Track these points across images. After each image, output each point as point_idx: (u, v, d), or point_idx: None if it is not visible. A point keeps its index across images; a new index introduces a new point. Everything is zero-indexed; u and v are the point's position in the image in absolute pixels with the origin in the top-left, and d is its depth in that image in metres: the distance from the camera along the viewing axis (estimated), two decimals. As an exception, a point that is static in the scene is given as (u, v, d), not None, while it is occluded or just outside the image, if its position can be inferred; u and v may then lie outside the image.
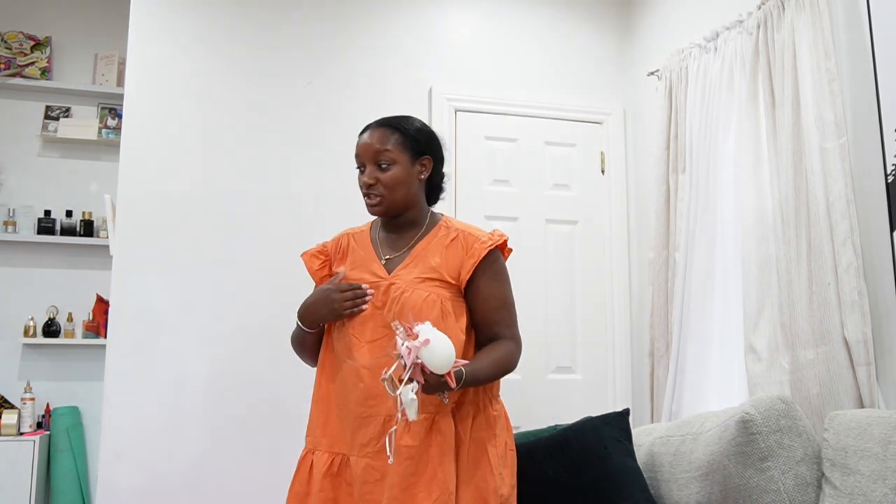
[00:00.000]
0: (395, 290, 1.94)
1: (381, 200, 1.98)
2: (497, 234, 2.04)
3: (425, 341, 1.63)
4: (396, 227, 2.06)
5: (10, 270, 4.26)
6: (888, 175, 2.25)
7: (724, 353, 2.87)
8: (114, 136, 4.34)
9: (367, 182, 1.98)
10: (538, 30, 3.70)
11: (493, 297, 2.00)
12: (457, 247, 1.99)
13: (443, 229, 2.04)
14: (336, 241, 2.15)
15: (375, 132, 2.00)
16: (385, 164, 1.97)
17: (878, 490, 1.84)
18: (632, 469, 2.32)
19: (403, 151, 1.99)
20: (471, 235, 2.01)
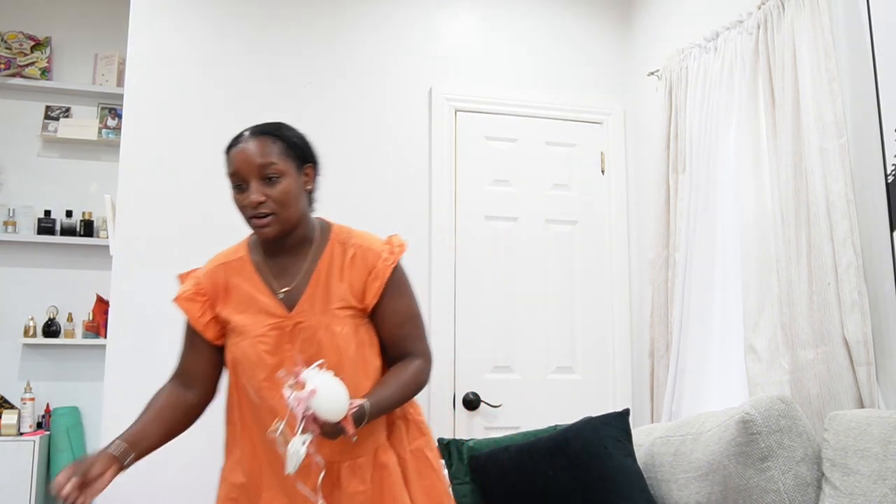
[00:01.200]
0: (305, 329, 1.75)
1: (273, 220, 1.74)
2: (395, 242, 1.88)
3: (311, 392, 1.51)
4: (284, 249, 1.82)
5: (10, 270, 4.25)
6: (888, 175, 2.25)
7: (724, 353, 2.87)
8: (114, 136, 4.34)
9: (256, 200, 1.72)
10: (538, 30, 3.70)
11: (398, 314, 1.84)
12: (357, 266, 1.82)
13: (337, 245, 1.84)
14: (211, 277, 1.84)
15: (255, 142, 1.75)
16: (273, 177, 1.74)
17: (878, 490, 1.84)
18: (632, 469, 2.32)
19: (289, 161, 1.78)
20: (370, 251, 1.83)
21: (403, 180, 3.41)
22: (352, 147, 3.38)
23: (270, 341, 1.76)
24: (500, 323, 3.43)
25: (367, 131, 3.40)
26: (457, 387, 3.33)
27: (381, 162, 3.40)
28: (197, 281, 1.85)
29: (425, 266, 3.37)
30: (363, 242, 1.86)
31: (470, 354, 3.37)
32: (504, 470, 2.37)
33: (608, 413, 2.50)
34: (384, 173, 3.39)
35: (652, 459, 2.42)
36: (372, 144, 3.40)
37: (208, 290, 1.83)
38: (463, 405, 3.32)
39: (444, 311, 3.35)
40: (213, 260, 1.90)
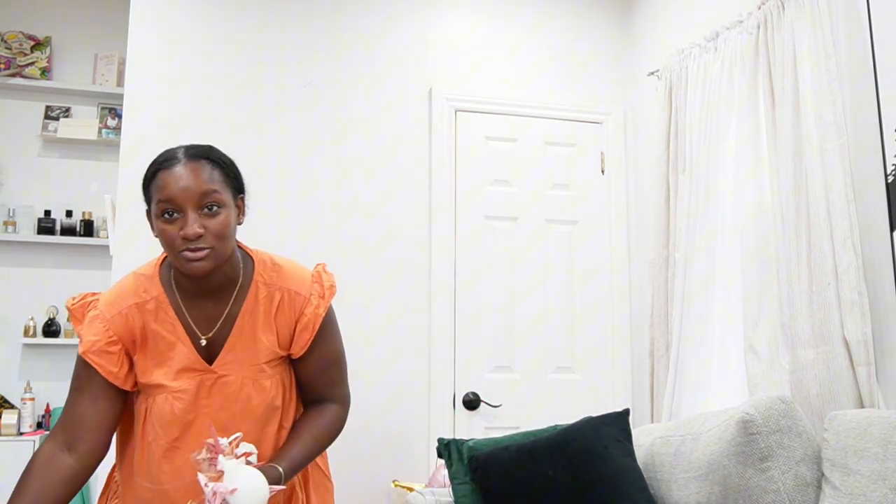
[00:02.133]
0: (229, 384, 1.60)
1: (209, 255, 1.51)
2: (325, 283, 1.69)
3: (232, 490, 1.42)
4: (206, 289, 1.61)
5: (10, 270, 4.25)
6: (888, 175, 2.25)
7: (724, 353, 2.87)
8: (114, 136, 4.34)
9: (194, 233, 1.49)
10: (538, 30, 3.70)
11: (322, 359, 1.70)
12: (285, 313, 1.64)
13: (262, 287, 1.64)
14: (124, 320, 1.59)
15: (195, 166, 1.54)
16: (214, 207, 1.53)
17: (878, 490, 1.84)
18: (632, 469, 2.32)
19: (228, 190, 1.58)
20: (298, 296, 1.65)
21: (403, 180, 3.41)
22: (352, 147, 3.38)
23: (188, 397, 1.59)
24: (500, 323, 3.43)
25: (367, 131, 3.40)
26: (457, 387, 3.33)
27: (381, 162, 3.40)
28: (107, 326, 1.59)
29: (425, 266, 3.37)
30: (290, 285, 1.66)
31: (470, 354, 3.37)
32: (504, 470, 2.37)
33: (608, 413, 2.50)
34: (384, 173, 3.39)
35: (652, 459, 2.42)
36: (372, 144, 3.40)
37: (122, 335, 1.59)
38: (463, 405, 3.32)
39: (444, 311, 3.35)
40: (121, 295, 1.63)
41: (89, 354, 1.58)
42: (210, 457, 1.45)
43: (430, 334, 3.33)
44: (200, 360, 1.60)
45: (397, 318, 3.31)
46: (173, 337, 1.60)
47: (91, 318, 1.61)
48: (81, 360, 1.60)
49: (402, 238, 3.36)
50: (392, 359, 3.27)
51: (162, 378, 1.60)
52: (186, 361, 1.60)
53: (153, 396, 1.61)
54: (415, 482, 3.04)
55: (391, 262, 3.34)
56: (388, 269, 3.33)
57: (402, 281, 3.33)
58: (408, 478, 3.13)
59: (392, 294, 3.32)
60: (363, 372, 3.23)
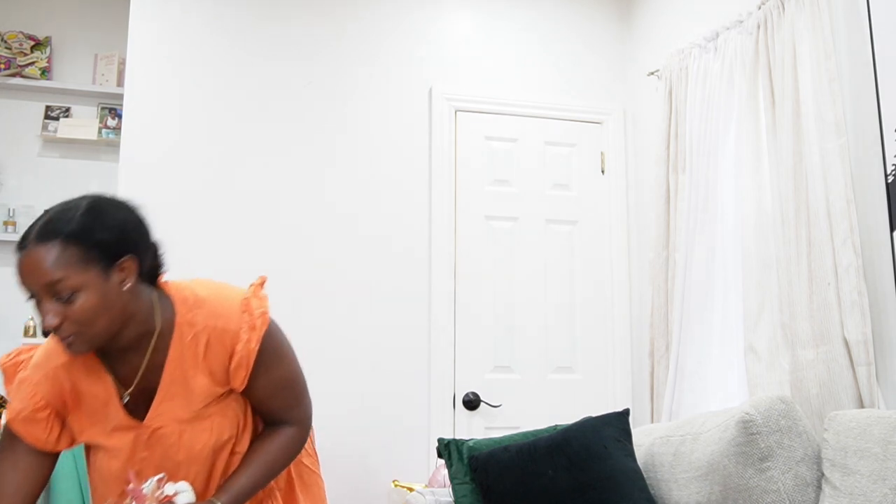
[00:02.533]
0: (166, 436, 1.51)
1: (76, 340, 1.39)
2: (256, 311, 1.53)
3: None
4: (120, 347, 1.49)
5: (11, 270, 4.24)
6: (888, 175, 2.25)
7: (724, 353, 2.87)
8: (114, 136, 4.33)
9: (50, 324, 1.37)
10: (538, 30, 3.70)
11: (269, 387, 1.58)
12: (215, 352, 1.51)
13: (186, 329, 1.50)
14: (52, 382, 1.50)
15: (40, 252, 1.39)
16: (69, 295, 1.37)
17: (878, 490, 1.84)
18: (631, 469, 2.32)
19: (89, 268, 1.38)
20: (226, 333, 1.50)
21: (403, 180, 3.41)
22: (352, 147, 3.38)
23: (124, 455, 1.51)
24: (500, 323, 3.43)
25: (367, 131, 3.40)
26: (457, 387, 3.33)
27: (381, 162, 3.40)
28: (34, 392, 1.50)
29: (425, 266, 3.37)
30: (217, 322, 1.51)
31: (470, 354, 3.37)
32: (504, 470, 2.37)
33: (608, 413, 2.50)
34: (384, 173, 3.39)
35: (652, 459, 2.42)
36: (372, 144, 3.40)
37: (51, 398, 1.50)
38: (463, 405, 3.32)
39: (444, 310, 3.35)
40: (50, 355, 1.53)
41: (14, 424, 1.50)
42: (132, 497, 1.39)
43: (430, 334, 3.33)
44: (130, 418, 1.51)
45: (397, 319, 3.31)
46: (104, 394, 1.51)
47: (19, 381, 1.53)
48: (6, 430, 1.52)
49: (402, 238, 3.36)
50: (392, 359, 3.27)
51: (98, 437, 1.53)
52: (117, 419, 1.51)
53: (95, 454, 1.56)
54: (415, 482, 3.04)
55: (391, 262, 3.34)
56: (388, 269, 3.33)
57: (401, 281, 3.33)
58: (408, 478, 3.13)
59: (392, 294, 3.32)
60: (363, 372, 3.23)
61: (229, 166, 3.23)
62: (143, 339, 1.49)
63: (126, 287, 1.43)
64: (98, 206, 1.46)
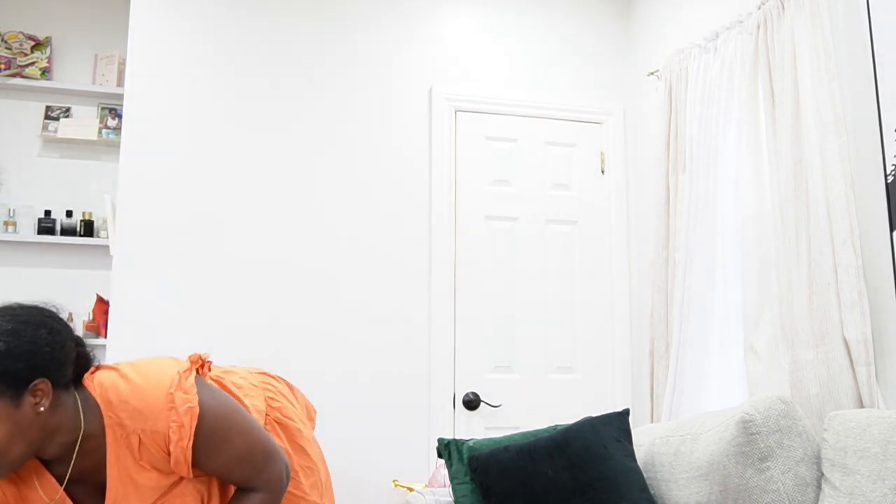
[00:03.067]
0: None
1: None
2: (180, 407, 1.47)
3: None
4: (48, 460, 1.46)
5: (10, 270, 4.25)
6: (888, 175, 2.25)
7: (724, 353, 2.87)
8: (114, 136, 4.33)
9: None
10: (538, 30, 3.70)
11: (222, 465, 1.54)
12: (151, 453, 1.48)
13: (118, 429, 1.46)
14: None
15: None
16: None
17: (878, 490, 1.84)
18: (631, 469, 2.32)
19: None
20: (156, 434, 1.46)
21: (403, 180, 3.41)
22: (352, 147, 3.38)
23: None
24: (500, 323, 3.43)
25: (367, 131, 3.41)
26: (457, 387, 3.33)
27: (381, 162, 3.40)
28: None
29: (425, 266, 3.37)
30: (144, 425, 1.46)
31: (470, 354, 3.37)
32: (504, 470, 2.37)
33: (608, 413, 2.50)
34: (384, 173, 3.39)
35: (652, 459, 2.42)
36: (372, 144, 3.40)
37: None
38: (463, 405, 3.32)
39: (444, 310, 3.35)
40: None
41: None
42: None
43: (430, 334, 3.33)
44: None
45: (397, 318, 3.31)
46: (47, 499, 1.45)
47: None
48: None
49: (402, 238, 3.36)
50: (392, 359, 3.27)
51: None
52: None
53: None
54: (415, 482, 3.04)
55: (391, 262, 3.34)
56: (388, 269, 3.33)
57: (402, 281, 3.33)
58: (408, 478, 3.13)
59: (392, 294, 3.32)
60: (363, 372, 3.23)
61: (229, 166, 3.23)
62: (68, 447, 1.44)
63: (41, 410, 1.37)
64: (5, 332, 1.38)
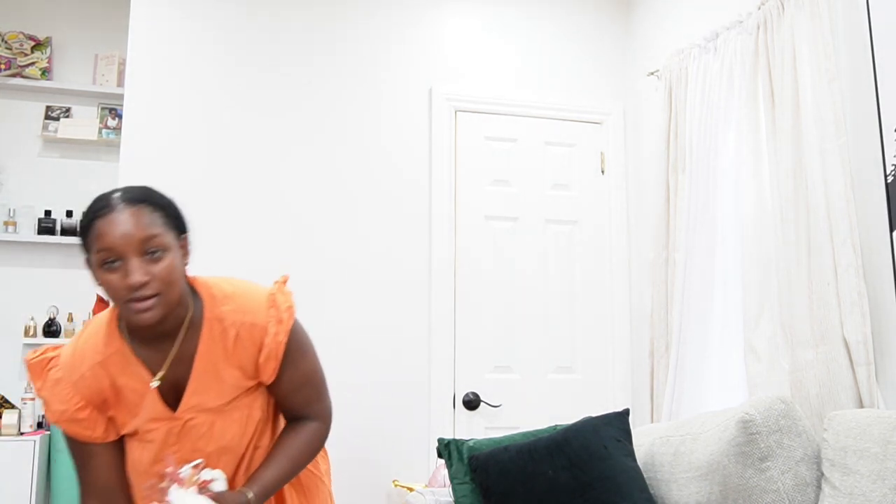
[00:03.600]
0: (197, 427, 1.58)
1: (157, 302, 1.45)
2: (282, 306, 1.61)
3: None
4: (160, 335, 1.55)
5: (10, 270, 4.25)
6: (888, 175, 2.25)
7: (724, 353, 2.87)
8: (114, 136, 4.33)
9: (139, 281, 1.41)
10: (538, 30, 3.70)
11: (294, 381, 1.65)
12: (244, 346, 1.57)
13: (215, 324, 1.57)
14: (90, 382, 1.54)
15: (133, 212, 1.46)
16: (156, 252, 1.45)
17: (878, 490, 1.84)
18: (631, 469, 2.32)
19: (170, 233, 1.50)
20: (255, 327, 1.57)
21: (403, 180, 3.41)
22: (352, 147, 3.38)
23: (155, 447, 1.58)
24: (500, 323, 3.43)
25: (367, 131, 3.41)
26: (457, 387, 3.33)
27: (381, 162, 3.40)
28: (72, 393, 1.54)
29: (425, 266, 3.37)
30: (245, 318, 1.58)
31: (470, 354, 3.37)
32: (504, 470, 2.37)
33: (608, 413, 2.50)
34: (384, 173, 3.39)
35: (652, 459, 2.42)
36: (372, 144, 3.40)
37: (90, 397, 1.54)
38: (463, 405, 3.32)
39: (444, 310, 3.35)
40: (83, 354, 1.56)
41: (61, 424, 1.55)
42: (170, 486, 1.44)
43: (430, 334, 3.33)
44: (165, 409, 1.56)
45: (397, 318, 3.31)
46: (142, 386, 1.55)
47: (54, 381, 1.55)
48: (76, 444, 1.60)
49: (402, 238, 3.36)
50: (392, 359, 3.27)
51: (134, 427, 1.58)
52: (153, 411, 1.56)
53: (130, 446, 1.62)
54: (415, 482, 3.05)
55: (391, 262, 3.34)
56: (389, 269, 3.33)
57: (402, 281, 3.33)
58: (408, 478, 3.13)
59: (392, 294, 3.32)
60: (363, 372, 3.23)
61: (229, 166, 3.23)
62: (177, 327, 1.55)
63: (186, 263, 1.55)
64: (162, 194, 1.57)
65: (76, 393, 1.53)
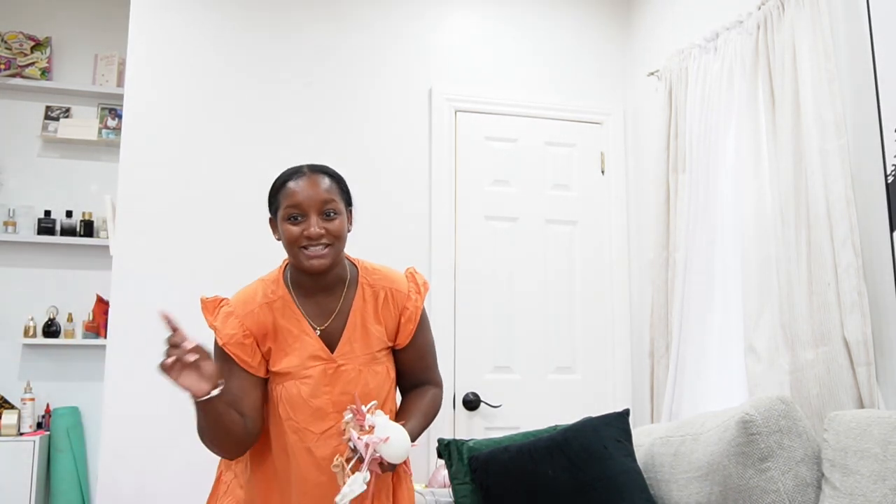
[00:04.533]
0: (347, 372, 1.84)
1: (328, 252, 1.79)
2: (419, 282, 1.96)
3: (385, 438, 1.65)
4: (321, 287, 1.87)
5: (10, 270, 4.25)
6: (888, 175, 2.25)
7: (724, 353, 2.87)
8: (114, 136, 4.34)
9: (318, 232, 1.77)
10: (538, 30, 3.70)
11: (421, 348, 1.96)
12: (389, 308, 1.91)
13: (367, 288, 1.91)
14: (256, 318, 1.84)
15: (317, 179, 1.83)
16: (332, 213, 1.81)
17: (878, 490, 1.84)
18: (631, 469, 2.32)
19: (342, 201, 1.86)
20: (399, 292, 1.92)
21: (403, 180, 3.41)
22: (352, 147, 3.38)
23: (313, 382, 1.82)
24: (500, 323, 3.43)
25: (367, 131, 3.41)
26: (457, 387, 3.33)
27: (381, 162, 3.40)
28: (241, 322, 1.82)
29: (425, 266, 3.37)
30: (391, 284, 1.93)
31: (470, 354, 3.37)
32: (504, 470, 2.37)
33: (608, 413, 2.50)
34: (384, 173, 3.39)
35: (652, 459, 2.42)
36: (372, 144, 3.40)
37: (254, 330, 1.83)
38: (463, 405, 3.32)
39: (445, 310, 3.35)
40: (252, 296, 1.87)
41: (229, 346, 1.80)
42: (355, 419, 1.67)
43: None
44: (325, 349, 1.84)
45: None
46: (298, 330, 1.84)
47: (225, 313, 1.84)
48: (220, 353, 1.81)
49: (402, 238, 3.36)
50: (392, 359, 3.27)
51: (290, 366, 1.83)
52: (312, 350, 1.83)
53: (282, 384, 1.83)
54: (415, 482, 3.04)
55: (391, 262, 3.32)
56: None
57: (402, 281, 3.33)
58: (408, 478, 3.13)
59: (392, 294, 3.32)
60: (363, 372, 3.23)
61: (229, 166, 3.23)
62: (338, 285, 1.88)
63: (349, 229, 1.87)
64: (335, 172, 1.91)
65: (243, 324, 1.82)
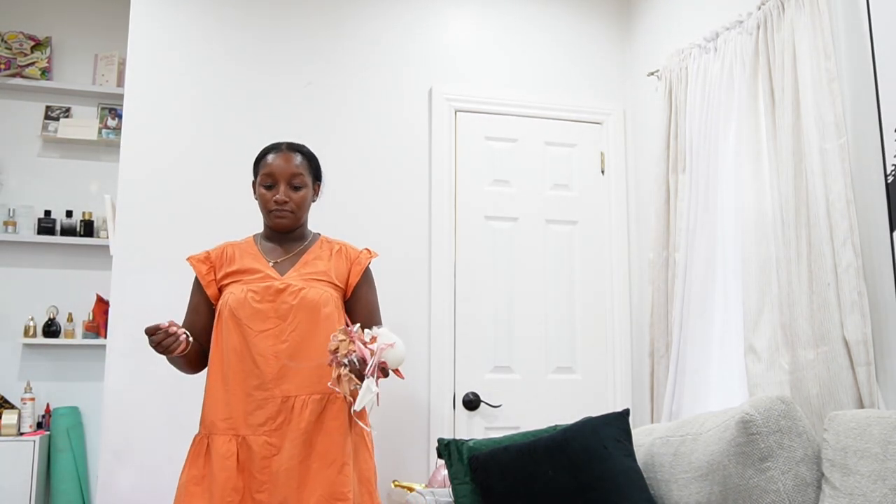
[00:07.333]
0: (290, 288, 2.20)
1: (290, 216, 2.27)
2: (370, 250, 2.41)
3: (391, 345, 1.89)
4: (285, 239, 2.34)
5: (10, 270, 4.25)
6: (888, 175, 2.25)
7: (724, 353, 2.87)
8: (114, 136, 4.34)
9: (282, 200, 2.24)
10: (538, 30, 3.70)
11: (370, 304, 2.35)
12: (341, 257, 2.34)
13: (324, 243, 2.37)
14: (220, 250, 2.34)
15: (290, 156, 2.29)
16: (298, 185, 2.27)
17: (878, 490, 1.84)
18: (631, 469, 2.32)
19: (309, 176, 2.31)
20: (351, 249, 2.37)
21: (403, 180, 3.41)
22: (352, 147, 3.38)
23: (258, 291, 2.20)
24: (499, 323, 3.43)
25: (367, 131, 3.41)
26: (457, 387, 3.33)
27: (381, 162, 3.40)
28: (207, 254, 2.32)
29: (425, 266, 3.37)
30: (346, 244, 2.39)
31: (470, 354, 3.37)
32: (504, 470, 2.37)
33: (608, 413, 2.50)
34: (384, 173, 3.39)
35: (652, 459, 2.42)
36: (372, 144, 3.40)
37: (216, 257, 2.31)
38: (463, 405, 3.32)
39: (445, 310, 3.35)
40: (226, 243, 2.37)
41: (191, 259, 2.31)
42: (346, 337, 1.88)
43: (430, 334, 3.33)
44: (275, 272, 2.25)
45: (397, 318, 3.30)
46: (253, 260, 2.28)
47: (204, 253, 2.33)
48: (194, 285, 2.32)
49: (402, 238, 3.36)
50: (392, 359, 3.27)
51: (240, 275, 2.25)
52: (262, 272, 2.25)
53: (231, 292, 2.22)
54: (415, 482, 3.04)
55: (391, 262, 3.33)
56: (388, 270, 3.32)
57: (401, 281, 3.33)
58: (408, 478, 3.13)
59: (392, 294, 3.30)
60: (363, 372, 3.23)
61: (229, 166, 3.23)
62: (300, 240, 2.35)
63: (314, 199, 2.38)
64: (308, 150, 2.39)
65: (208, 253, 2.32)
